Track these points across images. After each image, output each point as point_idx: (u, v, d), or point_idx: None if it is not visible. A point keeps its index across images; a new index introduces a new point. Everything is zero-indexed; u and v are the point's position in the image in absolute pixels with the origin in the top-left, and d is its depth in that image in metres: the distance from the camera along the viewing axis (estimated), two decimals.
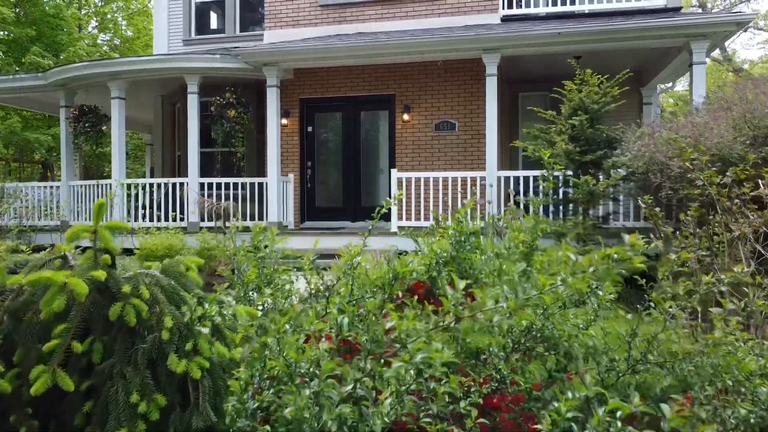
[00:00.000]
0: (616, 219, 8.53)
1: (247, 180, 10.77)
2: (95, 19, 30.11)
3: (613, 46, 9.08)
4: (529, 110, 12.82)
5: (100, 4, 29.77)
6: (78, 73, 10.87)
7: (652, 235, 4.26)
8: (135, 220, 10.78)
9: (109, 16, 30.04)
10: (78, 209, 11.64)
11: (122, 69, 10.52)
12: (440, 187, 9.52)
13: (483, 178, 9.46)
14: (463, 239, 3.07)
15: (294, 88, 11.29)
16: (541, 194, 9.06)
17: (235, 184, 10.77)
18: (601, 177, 7.92)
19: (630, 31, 8.65)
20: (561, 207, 8.48)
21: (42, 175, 24.24)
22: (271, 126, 10.27)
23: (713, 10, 25.63)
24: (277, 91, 10.26)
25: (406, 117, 10.73)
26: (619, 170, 7.50)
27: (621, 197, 8.10)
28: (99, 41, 29.02)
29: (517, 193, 9.53)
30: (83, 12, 28.93)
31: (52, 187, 12.35)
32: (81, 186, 11.64)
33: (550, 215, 9.00)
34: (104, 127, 11.41)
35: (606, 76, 7.87)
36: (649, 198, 5.33)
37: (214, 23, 13.99)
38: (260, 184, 10.71)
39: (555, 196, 8.30)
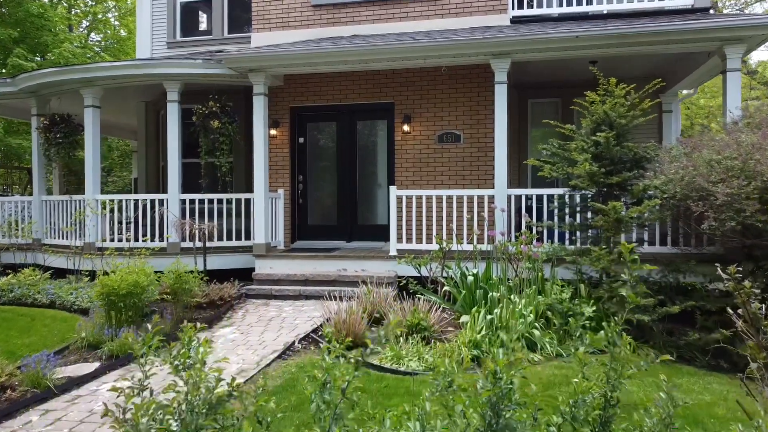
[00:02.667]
0: (641, 244, 7.60)
1: (233, 196, 9.86)
2: (86, 19, 29.20)
3: (635, 50, 8.14)
4: (538, 118, 11.94)
5: (91, 4, 28.85)
6: (48, 79, 9.95)
7: (721, 284, 3.35)
8: (111, 240, 9.87)
9: (100, 16, 29.15)
10: (50, 227, 10.73)
11: (95, 75, 9.59)
12: (444, 207, 8.59)
13: (492, 197, 8.54)
14: (503, 406, 2.09)
15: (284, 95, 10.36)
16: (556, 217, 8.19)
17: (220, 200, 9.87)
18: (626, 200, 7.00)
19: (657, 34, 7.72)
20: (578, 232, 7.56)
21: (28, 182, 23.37)
22: (258, 137, 9.34)
23: (724, 10, 24.68)
24: (265, 99, 9.33)
25: (406, 128, 9.80)
26: (649, 193, 6.56)
27: (648, 223, 7.16)
28: (90, 42, 28.15)
29: (529, 211, 8.63)
30: (74, 12, 28.05)
31: (23, 202, 11.45)
32: (55, 201, 10.73)
33: (566, 241, 8.10)
34: (78, 138, 10.48)
35: (633, 86, 6.95)
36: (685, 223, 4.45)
37: (202, 24, 13.08)
38: (247, 200, 9.81)
39: (576, 222, 7.38)
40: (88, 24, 29.30)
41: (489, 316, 6.06)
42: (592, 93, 6.83)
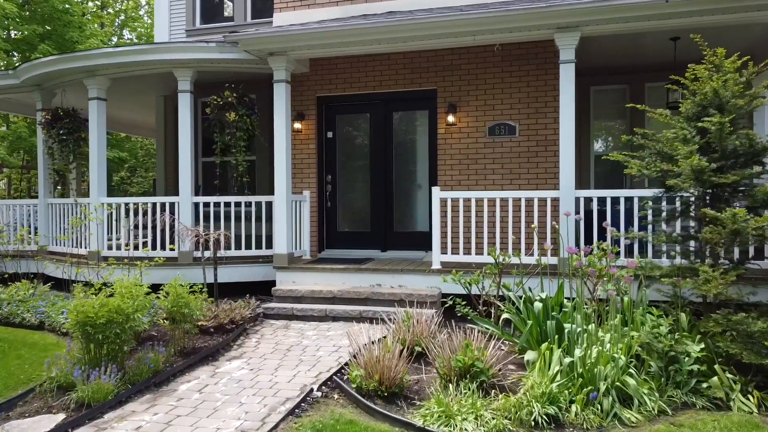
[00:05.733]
0: (745, 257, 6.03)
1: (252, 199, 8.64)
2: (119, 18, 28.69)
3: (738, 18, 6.57)
4: (602, 109, 10.35)
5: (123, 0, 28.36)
6: (49, 69, 8.91)
7: None
8: (118, 248, 8.77)
9: (133, 14, 28.64)
10: (56, 233, 9.71)
11: (97, 63, 8.49)
12: (497, 211, 7.17)
13: (555, 200, 7.09)
14: None
15: (310, 83, 9.09)
16: (635, 224, 6.68)
17: (238, 204, 8.67)
18: (739, 204, 5.46)
19: None
20: (666, 245, 6.03)
21: (56, 184, 22.80)
22: (280, 131, 8.09)
23: None
24: (287, 86, 8.07)
25: (451, 118, 8.40)
26: None
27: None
28: (123, 40, 27.62)
29: (601, 217, 7.16)
30: (106, 11, 27.58)
31: (29, 206, 10.49)
32: (60, 205, 9.71)
33: (649, 253, 6.58)
34: (84, 134, 9.42)
35: (747, 58, 5.40)
36: None
37: (223, 10, 11.95)
38: (269, 204, 8.57)
39: (673, 233, 5.85)
40: (120, 22, 28.81)
41: (567, 358, 4.62)
42: (700, 67, 5.30)
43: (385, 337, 5.74)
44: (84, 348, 5.06)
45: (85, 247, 8.91)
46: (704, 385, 4.75)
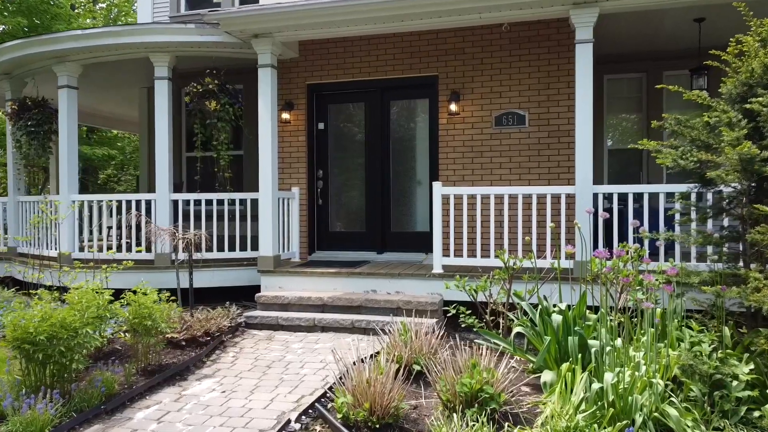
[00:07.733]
0: None
1: (237, 196, 7.90)
2: (111, 14, 27.97)
3: None
4: (616, 101, 9.59)
5: None
6: (14, 54, 8.18)
7: None
8: (90, 249, 8.02)
9: (125, 9, 27.92)
10: (26, 233, 8.97)
11: (66, 47, 7.75)
12: (505, 209, 6.42)
13: (570, 196, 6.33)
14: None
15: (299, 70, 8.34)
16: (662, 223, 5.93)
17: (220, 201, 7.92)
18: None
19: None
20: (694, 247, 5.28)
21: (44, 181, 22.10)
22: (264, 121, 7.34)
23: None
24: (273, 72, 7.32)
25: (453, 107, 7.65)
26: None
27: None
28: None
29: (621, 216, 6.41)
30: (98, 6, 26.88)
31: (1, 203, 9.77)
32: (29, 203, 8.97)
33: (677, 256, 5.85)
34: (55, 126, 8.67)
35: None
36: None
37: None
38: (254, 201, 7.82)
39: (713, 234, 5.10)
40: (113, 17, 28.09)
41: (596, 384, 3.86)
42: (746, 37, 4.54)
43: (378, 353, 5.00)
44: (24, 369, 4.31)
45: (56, 249, 8.17)
46: (756, 414, 4.01)
